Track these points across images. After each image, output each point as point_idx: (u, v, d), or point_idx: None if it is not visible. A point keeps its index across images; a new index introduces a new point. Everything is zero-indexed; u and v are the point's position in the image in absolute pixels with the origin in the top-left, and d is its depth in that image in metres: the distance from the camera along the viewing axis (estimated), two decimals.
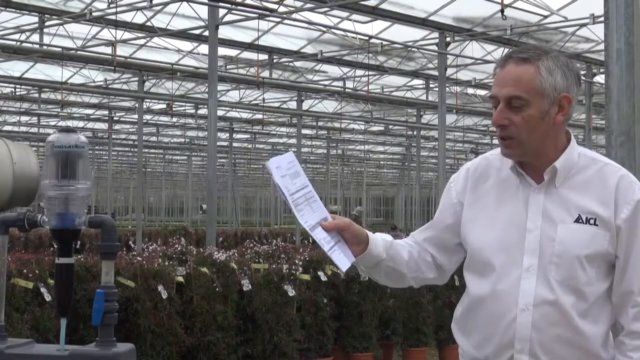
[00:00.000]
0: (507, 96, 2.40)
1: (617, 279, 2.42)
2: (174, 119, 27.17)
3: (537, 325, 2.39)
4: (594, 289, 2.42)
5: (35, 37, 15.53)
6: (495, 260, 2.46)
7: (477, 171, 2.60)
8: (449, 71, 16.27)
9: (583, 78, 18.57)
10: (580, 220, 2.41)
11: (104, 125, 27.63)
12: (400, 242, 2.66)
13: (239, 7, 13.01)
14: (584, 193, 2.44)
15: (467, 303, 2.56)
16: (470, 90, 22.13)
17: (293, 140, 30.31)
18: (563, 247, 2.40)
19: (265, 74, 18.46)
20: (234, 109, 24.43)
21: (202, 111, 22.48)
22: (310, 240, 14.98)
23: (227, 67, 18.45)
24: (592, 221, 2.41)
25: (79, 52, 16.21)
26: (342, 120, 25.05)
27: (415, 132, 26.04)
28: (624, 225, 2.40)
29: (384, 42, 15.46)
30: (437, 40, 15.41)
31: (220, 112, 20.94)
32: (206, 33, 13.36)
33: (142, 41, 16.64)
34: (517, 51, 2.48)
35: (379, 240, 2.58)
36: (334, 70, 19.54)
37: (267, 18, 14.23)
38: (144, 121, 21.31)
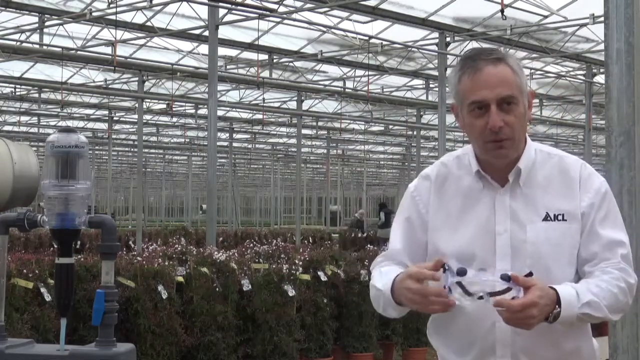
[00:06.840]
0: (501, 97, 2.35)
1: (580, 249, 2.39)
2: (174, 119, 27.18)
3: (517, 329, 2.33)
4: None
5: (35, 37, 15.53)
6: (469, 267, 2.40)
7: (439, 178, 2.53)
8: (449, 71, 16.26)
9: (583, 78, 18.73)
10: (549, 218, 2.38)
11: (104, 125, 27.64)
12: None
13: (239, 7, 13.02)
14: (548, 190, 2.42)
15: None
16: None
17: (293, 140, 30.31)
18: (535, 247, 2.36)
19: (265, 74, 18.45)
20: (234, 109, 24.43)
21: (202, 111, 22.47)
22: (310, 240, 14.92)
23: (227, 67, 18.46)
24: (560, 217, 2.38)
25: (79, 52, 16.22)
26: (342, 120, 25.05)
27: (415, 132, 26.05)
28: (586, 210, 2.39)
29: (384, 42, 15.46)
30: (437, 40, 15.42)
31: (220, 112, 20.94)
32: (206, 33, 13.37)
33: (142, 41, 16.64)
34: (482, 53, 2.43)
35: None
36: (334, 70, 19.54)
37: (267, 18, 14.24)
38: (144, 121, 21.32)
